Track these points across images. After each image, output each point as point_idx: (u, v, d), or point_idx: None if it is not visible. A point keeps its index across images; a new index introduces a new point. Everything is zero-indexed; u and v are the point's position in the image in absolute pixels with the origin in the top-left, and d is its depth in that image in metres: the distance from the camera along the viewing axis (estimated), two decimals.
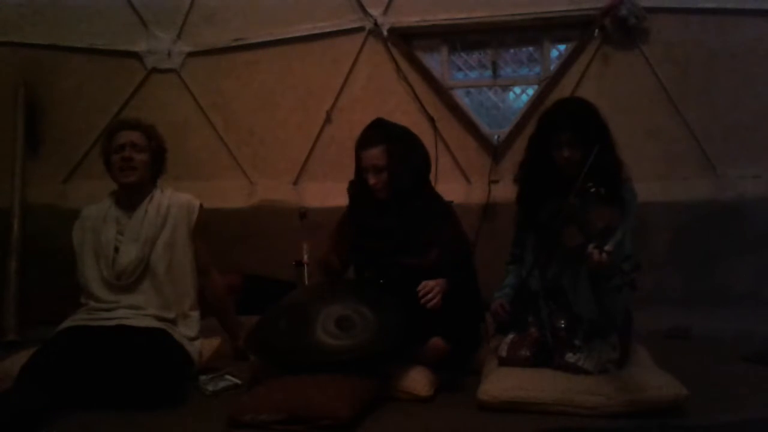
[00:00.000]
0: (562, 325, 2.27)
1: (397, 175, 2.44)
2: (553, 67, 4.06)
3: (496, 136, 4.11)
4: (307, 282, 3.62)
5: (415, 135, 2.59)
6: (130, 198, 2.53)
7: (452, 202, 2.74)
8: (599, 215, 2.09)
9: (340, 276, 2.63)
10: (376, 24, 4.04)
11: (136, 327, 2.33)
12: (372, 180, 2.46)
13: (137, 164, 2.48)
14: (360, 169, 2.52)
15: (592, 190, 2.13)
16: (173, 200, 2.57)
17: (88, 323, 2.34)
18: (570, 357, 2.21)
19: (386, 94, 4.10)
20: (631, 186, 2.34)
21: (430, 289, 2.35)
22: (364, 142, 2.49)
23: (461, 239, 2.57)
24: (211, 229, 2.75)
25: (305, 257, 3.66)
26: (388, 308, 2.33)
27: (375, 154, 2.44)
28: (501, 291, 2.54)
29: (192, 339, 2.49)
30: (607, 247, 1.98)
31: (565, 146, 2.27)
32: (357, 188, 2.58)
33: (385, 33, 4.05)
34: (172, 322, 2.44)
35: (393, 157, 2.43)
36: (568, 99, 2.77)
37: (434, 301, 2.33)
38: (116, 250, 2.45)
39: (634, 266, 1.95)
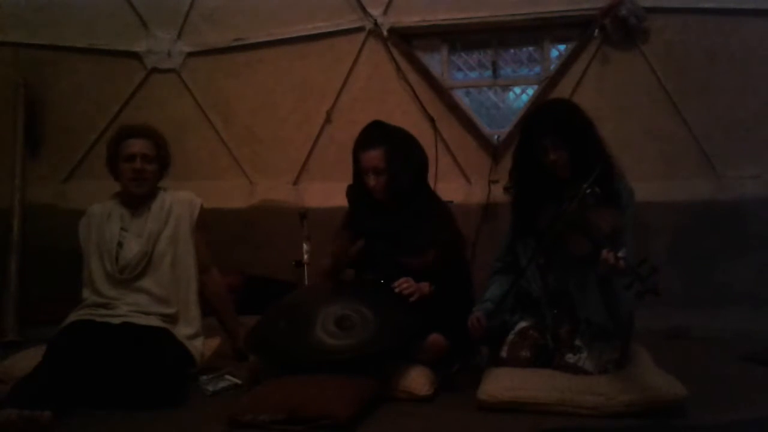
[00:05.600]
0: (565, 328, 2.27)
1: (397, 177, 2.44)
2: (553, 67, 4.06)
3: (496, 136, 4.11)
4: (307, 282, 3.62)
5: (413, 137, 2.59)
6: (135, 199, 2.57)
7: (452, 201, 2.74)
8: (601, 218, 2.06)
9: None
10: (376, 24, 4.04)
11: (139, 326, 2.34)
12: (372, 182, 2.46)
13: (149, 176, 2.53)
14: (359, 171, 2.52)
15: (588, 191, 2.09)
16: (175, 197, 2.63)
17: (93, 318, 2.35)
18: (570, 357, 2.21)
19: (386, 94, 4.10)
20: (626, 182, 2.31)
21: (404, 281, 2.36)
22: (364, 143, 2.48)
23: (458, 239, 2.57)
24: (211, 228, 2.76)
25: (305, 257, 3.66)
26: (388, 308, 2.33)
27: (375, 156, 2.44)
28: (481, 304, 2.42)
29: (193, 336, 2.50)
30: (621, 254, 1.92)
31: (550, 149, 2.23)
32: (355, 191, 2.59)
33: (385, 33, 4.05)
34: (173, 317, 2.46)
35: (393, 159, 2.43)
36: (546, 102, 2.72)
37: (408, 290, 2.34)
38: (120, 245, 2.49)
39: (652, 269, 1.85)
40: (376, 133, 2.49)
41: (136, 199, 2.57)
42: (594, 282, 2.18)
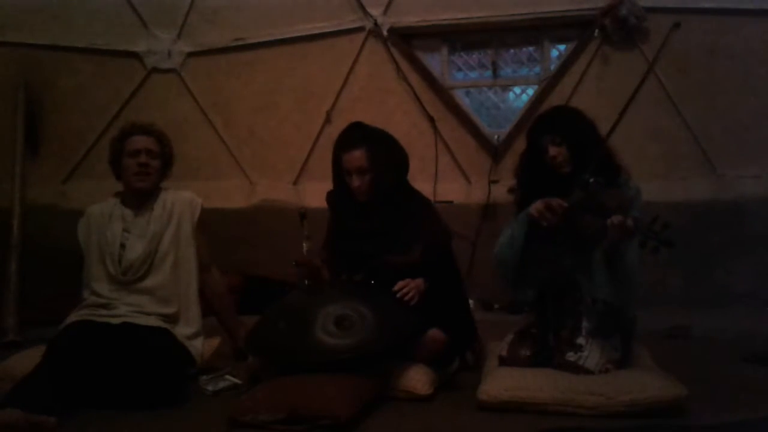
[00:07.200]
0: (567, 326, 2.28)
1: (380, 176, 2.45)
2: (553, 67, 4.07)
3: (496, 136, 4.12)
4: (306, 282, 3.61)
5: (393, 136, 2.59)
6: (136, 198, 2.57)
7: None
8: (607, 197, 2.13)
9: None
10: (376, 24, 4.05)
11: (139, 326, 2.34)
12: (356, 182, 2.47)
13: (152, 170, 2.53)
14: (340, 173, 2.53)
15: (591, 180, 2.16)
16: (176, 198, 2.63)
17: (94, 318, 2.35)
18: (571, 356, 2.21)
19: (386, 94, 4.10)
20: (632, 181, 2.37)
21: (405, 285, 2.37)
22: (345, 144, 2.49)
23: (443, 233, 2.57)
24: (210, 228, 2.75)
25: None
26: (387, 307, 2.33)
27: (358, 156, 2.44)
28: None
29: (193, 336, 2.50)
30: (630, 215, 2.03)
31: (550, 146, 2.32)
32: (336, 194, 2.59)
33: (385, 33, 4.05)
34: (173, 317, 2.46)
35: (375, 159, 2.44)
36: (549, 108, 2.83)
37: (410, 295, 2.35)
38: (122, 246, 2.48)
39: (663, 225, 1.96)
40: (356, 134, 2.50)
41: (138, 197, 2.56)
42: (602, 260, 2.23)
